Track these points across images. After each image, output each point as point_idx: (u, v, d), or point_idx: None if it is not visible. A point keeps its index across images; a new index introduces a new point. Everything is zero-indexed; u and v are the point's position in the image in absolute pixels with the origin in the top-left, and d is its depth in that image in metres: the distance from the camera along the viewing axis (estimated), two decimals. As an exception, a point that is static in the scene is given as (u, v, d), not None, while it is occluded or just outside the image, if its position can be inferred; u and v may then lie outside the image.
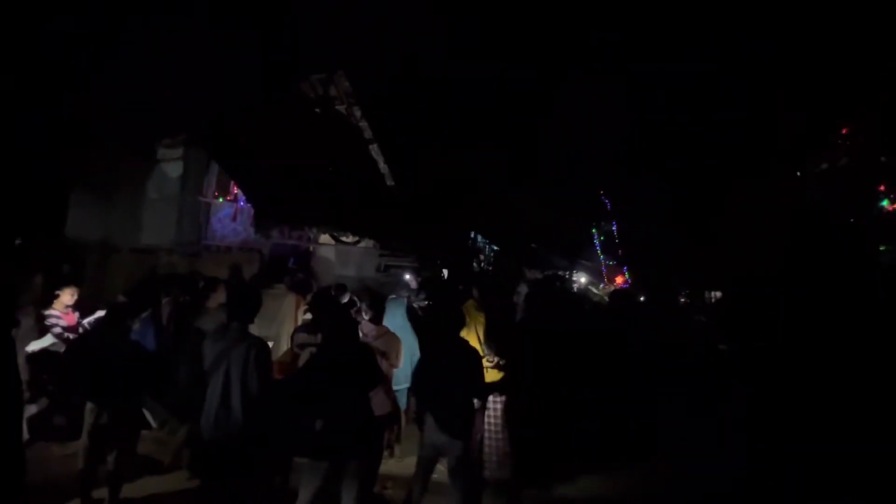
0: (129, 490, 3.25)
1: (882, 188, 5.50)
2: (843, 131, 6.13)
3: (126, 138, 7.11)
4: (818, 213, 5.97)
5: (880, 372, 4.43)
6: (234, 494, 2.56)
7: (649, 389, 4.30)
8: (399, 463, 4.02)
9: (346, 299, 4.81)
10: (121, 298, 3.98)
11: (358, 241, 9.03)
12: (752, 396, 4.70)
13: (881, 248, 5.30)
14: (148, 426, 3.46)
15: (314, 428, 2.63)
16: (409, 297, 5.11)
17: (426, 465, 3.19)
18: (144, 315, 3.50)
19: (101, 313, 3.86)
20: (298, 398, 2.70)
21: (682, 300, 10.48)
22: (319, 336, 3.34)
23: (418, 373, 3.24)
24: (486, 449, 3.73)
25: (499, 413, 3.72)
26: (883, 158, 5.59)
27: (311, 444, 2.64)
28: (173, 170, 7.77)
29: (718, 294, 9.58)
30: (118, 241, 7.14)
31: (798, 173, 6.24)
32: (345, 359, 2.75)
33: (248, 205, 7.79)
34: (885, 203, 5.47)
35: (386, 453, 4.00)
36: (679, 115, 9.31)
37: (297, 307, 4.86)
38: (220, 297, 3.76)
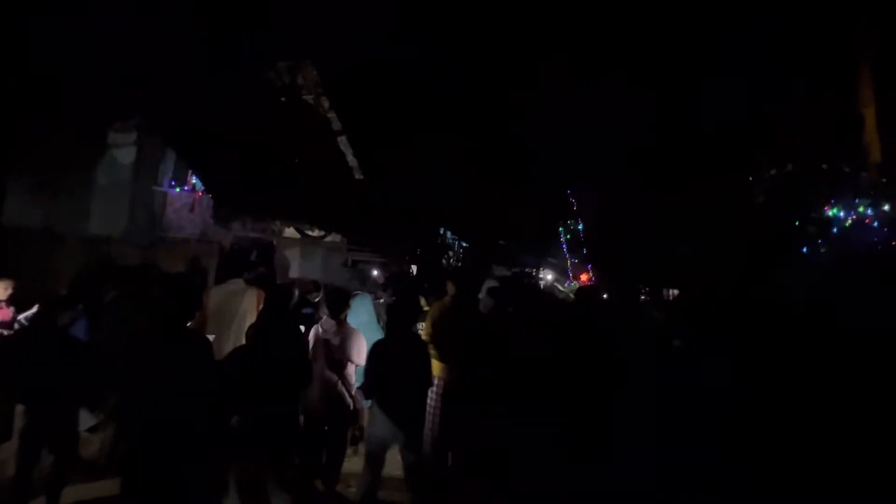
0: (70, 496, 3.05)
1: (823, 193, 5.91)
2: (791, 139, 6.52)
3: (73, 120, 6.66)
4: (767, 214, 6.33)
5: (826, 369, 4.63)
6: (173, 496, 2.45)
7: (613, 383, 4.38)
8: (362, 460, 3.97)
9: (317, 297, 4.69)
10: (64, 292, 3.73)
11: (325, 236, 8.85)
12: (713, 390, 4.83)
13: (822, 250, 5.69)
14: (89, 428, 3.26)
15: (240, 426, 2.57)
16: (375, 293, 5.05)
17: (376, 460, 3.18)
18: (79, 308, 3.28)
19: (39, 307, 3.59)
20: (227, 396, 2.62)
21: (643, 297, 10.89)
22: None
23: (369, 367, 3.22)
24: (431, 442, 3.75)
25: (439, 407, 3.73)
26: (824, 166, 6.01)
27: (239, 443, 2.58)
28: (125, 156, 7.34)
29: (676, 291, 10.01)
30: (63, 230, 6.69)
31: (749, 178, 6.61)
32: (275, 356, 2.69)
33: (208, 195, 7.46)
34: (825, 207, 5.88)
35: (350, 451, 3.94)
36: (642, 116, 9.63)
37: (259, 303, 4.70)
38: (173, 291, 3.57)
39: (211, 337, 3.68)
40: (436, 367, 3.83)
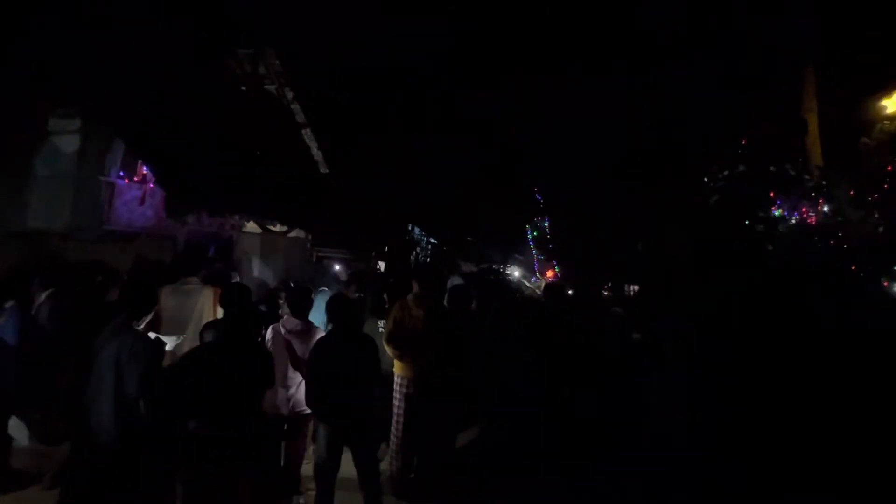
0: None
1: (771, 194, 6.26)
2: (743, 142, 6.87)
3: (8, 104, 6.12)
4: (719, 214, 6.64)
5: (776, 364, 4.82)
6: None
7: (577, 379, 4.45)
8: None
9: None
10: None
11: (288, 231, 8.58)
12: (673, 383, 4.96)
13: (769, 248, 6.03)
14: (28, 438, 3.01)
15: (193, 431, 2.44)
16: (339, 290, 4.93)
17: (332, 462, 3.10)
18: (7, 306, 3.01)
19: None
20: (180, 399, 2.47)
21: (605, 293, 11.22)
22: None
23: (311, 366, 3.13)
24: (397, 443, 3.71)
25: (402, 407, 3.70)
26: (772, 168, 6.36)
27: (191, 450, 2.45)
28: (69, 144, 6.81)
29: (636, 287, 10.37)
30: (-2, 224, 6.14)
31: (705, 178, 6.91)
32: (235, 358, 2.57)
33: (160, 186, 7.04)
34: (772, 207, 6.23)
35: (311, 451, 3.84)
36: (607, 119, 9.91)
37: (216, 302, 4.49)
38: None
39: (173, 340, 3.49)
40: (398, 366, 3.78)
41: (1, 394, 2.70)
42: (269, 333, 3.51)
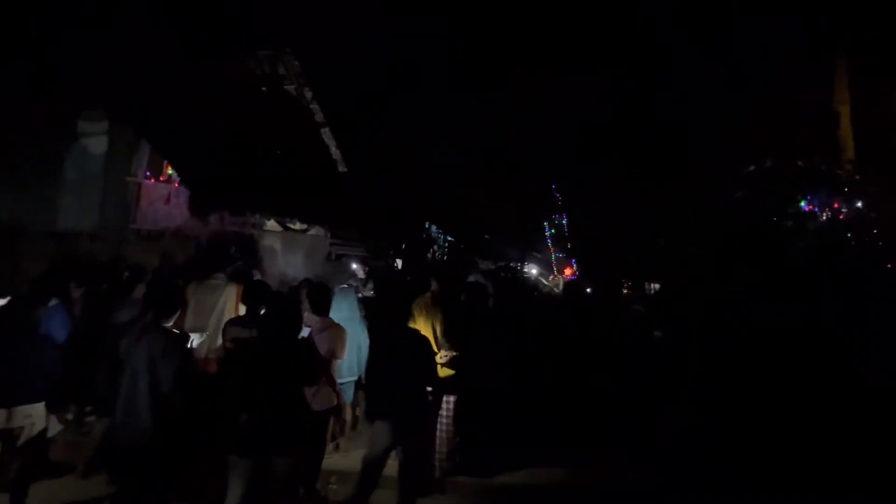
0: (36, 498, 2.93)
1: (800, 188, 6.04)
2: (770, 136, 6.64)
3: (40, 108, 6.37)
4: (745, 210, 6.44)
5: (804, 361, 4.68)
6: (142, 498, 2.37)
7: (600, 378, 4.40)
8: (344, 457, 3.92)
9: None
10: (27, 288, 3.55)
11: (307, 229, 8.70)
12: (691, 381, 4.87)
13: (798, 245, 5.81)
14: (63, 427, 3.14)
15: (239, 424, 2.48)
16: (356, 288, 4.97)
17: (378, 460, 3.12)
18: (52, 304, 3.14)
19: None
20: (224, 393, 2.53)
21: (625, 291, 11.02)
22: (253, 330, 3.15)
23: (368, 366, 3.16)
24: (437, 442, 3.72)
25: (451, 407, 3.71)
26: (800, 163, 6.13)
27: (235, 441, 2.49)
28: (97, 146, 7.06)
29: (657, 286, 10.15)
30: (29, 223, 6.39)
31: (729, 174, 6.71)
32: (279, 353, 2.60)
33: (184, 186, 7.23)
34: (802, 203, 6.01)
35: (331, 447, 3.88)
36: (621, 114, 9.74)
37: (238, 298, 4.59)
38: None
39: (197, 336, 3.57)
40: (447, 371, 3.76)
41: (50, 389, 2.82)
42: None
